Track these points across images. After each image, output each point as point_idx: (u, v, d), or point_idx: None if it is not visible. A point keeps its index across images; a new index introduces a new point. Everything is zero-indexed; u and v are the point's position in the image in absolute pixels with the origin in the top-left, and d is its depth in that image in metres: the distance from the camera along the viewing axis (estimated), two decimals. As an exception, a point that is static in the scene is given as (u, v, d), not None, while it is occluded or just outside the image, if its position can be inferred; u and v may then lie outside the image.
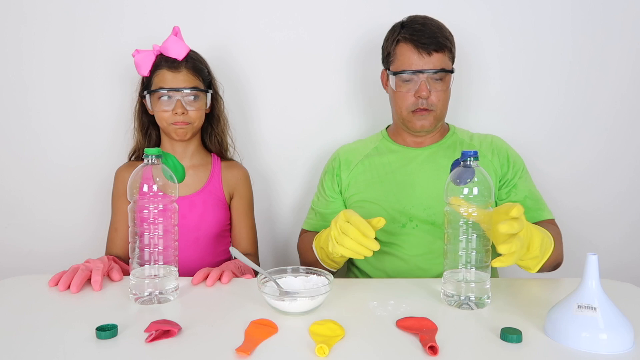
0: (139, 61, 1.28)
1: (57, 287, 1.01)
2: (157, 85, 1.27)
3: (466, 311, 0.91)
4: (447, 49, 1.25)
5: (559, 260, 1.16)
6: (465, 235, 0.91)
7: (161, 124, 1.30)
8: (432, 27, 1.25)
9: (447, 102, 1.29)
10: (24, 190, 1.63)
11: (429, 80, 1.24)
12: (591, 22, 1.58)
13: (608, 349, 0.74)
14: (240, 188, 1.41)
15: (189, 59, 1.29)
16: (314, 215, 1.41)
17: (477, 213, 0.91)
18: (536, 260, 0.98)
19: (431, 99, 1.25)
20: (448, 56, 1.26)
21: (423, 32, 1.23)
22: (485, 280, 0.92)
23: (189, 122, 1.28)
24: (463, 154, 0.93)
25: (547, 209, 1.28)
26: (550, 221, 1.26)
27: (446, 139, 1.35)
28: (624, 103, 1.62)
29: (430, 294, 1.00)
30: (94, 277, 1.01)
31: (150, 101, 1.29)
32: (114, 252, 1.33)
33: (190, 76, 1.28)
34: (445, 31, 1.27)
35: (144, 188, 0.94)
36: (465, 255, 0.92)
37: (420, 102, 1.25)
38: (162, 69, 1.27)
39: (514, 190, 1.27)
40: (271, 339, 0.80)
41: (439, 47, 1.23)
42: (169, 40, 1.28)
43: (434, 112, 1.27)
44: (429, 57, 1.23)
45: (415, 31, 1.24)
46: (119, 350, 0.76)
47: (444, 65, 1.24)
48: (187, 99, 1.27)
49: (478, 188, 0.90)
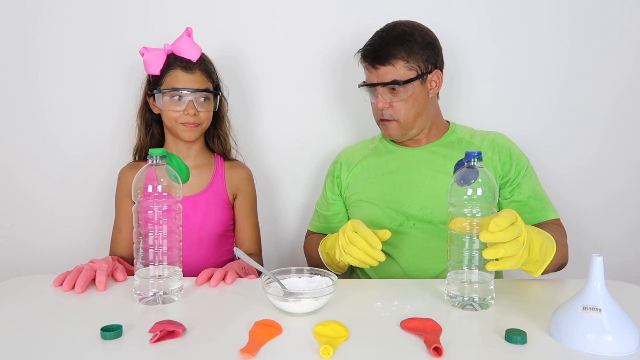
0: (149, 59, 1.28)
1: (61, 287, 1.02)
2: (170, 85, 1.27)
3: (471, 312, 0.91)
4: (399, 59, 1.22)
5: (563, 262, 1.14)
6: (469, 236, 0.91)
7: (169, 124, 1.30)
8: (387, 37, 1.25)
9: (412, 110, 1.26)
10: (30, 189, 1.63)
11: (386, 92, 1.26)
12: (589, 17, 1.57)
13: (613, 350, 0.74)
14: (243, 188, 1.42)
15: (202, 61, 1.30)
16: (317, 217, 1.44)
17: (481, 214, 0.91)
18: (537, 264, 0.97)
19: (390, 110, 1.26)
20: (404, 65, 1.23)
21: (372, 46, 1.26)
22: (489, 281, 0.92)
23: (199, 123, 1.29)
24: (467, 155, 0.93)
25: (552, 208, 1.26)
26: (555, 221, 1.24)
27: (444, 138, 1.35)
28: (624, 100, 1.61)
29: (435, 294, 1.00)
30: (98, 277, 1.02)
31: (160, 100, 1.29)
32: (118, 253, 1.34)
33: (203, 78, 1.29)
34: (407, 38, 1.23)
35: (148, 188, 0.94)
36: (469, 256, 0.92)
37: (380, 113, 1.28)
38: (176, 69, 1.27)
39: (517, 190, 1.26)
40: (275, 340, 0.80)
41: (383, 60, 1.23)
42: (183, 41, 1.28)
43: (396, 122, 1.28)
44: (376, 71, 1.25)
45: (366, 46, 1.28)
46: (124, 351, 0.76)
47: (396, 76, 1.23)
48: (198, 101, 1.28)
49: (482, 189, 0.90)
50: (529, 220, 1.23)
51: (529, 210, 1.23)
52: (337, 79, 1.62)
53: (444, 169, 1.28)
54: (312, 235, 1.42)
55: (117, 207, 1.37)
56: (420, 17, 1.32)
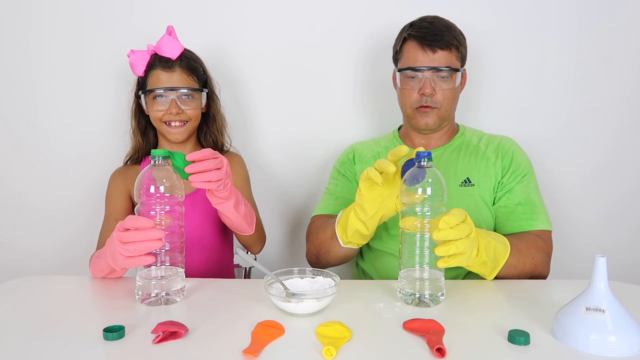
0: (134, 61, 1.28)
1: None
2: (152, 85, 1.27)
3: (473, 313, 0.91)
4: (453, 48, 1.25)
5: (534, 273, 1.12)
6: (420, 234, 0.93)
7: (155, 124, 1.30)
8: (440, 25, 1.25)
9: (453, 101, 1.29)
10: (31, 191, 1.64)
11: (434, 78, 1.24)
12: (597, 21, 1.57)
13: (617, 351, 0.73)
14: (233, 169, 1.34)
15: (183, 58, 1.29)
16: (328, 197, 1.36)
17: (431, 213, 0.93)
18: (486, 266, 1.01)
19: (436, 97, 1.25)
20: (455, 55, 1.26)
21: (429, 30, 1.24)
22: (439, 278, 0.95)
23: (186, 121, 1.28)
24: (417, 155, 0.94)
25: (543, 219, 1.21)
26: (539, 233, 1.19)
27: (453, 141, 1.34)
28: (630, 104, 1.61)
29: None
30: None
31: (145, 101, 1.29)
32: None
33: (184, 75, 1.28)
34: (455, 30, 1.27)
35: (150, 189, 0.94)
36: (420, 254, 0.94)
37: (424, 99, 1.25)
38: (156, 69, 1.27)
39: (507, 195, 1.24)
40: (278, 341, 0.80)
41: (444, 45, 1.23)
42: (163, 40, 1.28)
43: (437, 110, 1.26)
44: (433, 55, 1.23)
45: (421, 29, 1.25)
46: (127, 352, 0.76)
47: (450, 63, 1.24)
48: (181, 99, 1.27)
49: (431, 188, 0.92)
50: (510, 228, 1.21)
51: (514, 218, 1.22)
52: (340, 78, 1.62)
53: (452, 173, 1.28)
54: (319, 218, 1.32)
55: (106, 209, 1.35)
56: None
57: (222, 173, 0.99)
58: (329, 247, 1.18)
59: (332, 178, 1.41)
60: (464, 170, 1.28)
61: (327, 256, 1.20)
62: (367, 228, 1.07)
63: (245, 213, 1.16)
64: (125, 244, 0.91)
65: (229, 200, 1.07)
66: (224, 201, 1.07)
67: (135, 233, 0.91)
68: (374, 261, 1.31)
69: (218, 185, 1.00)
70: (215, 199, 1.06)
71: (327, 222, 1.22)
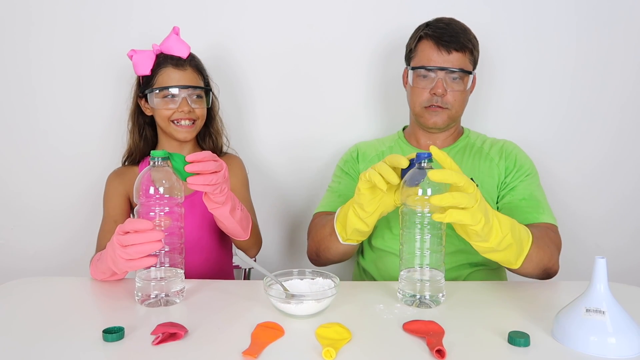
0: (138, 61, 1.27)
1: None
2: (162, 83, 1.26)
3: (473, 315, 0.91)
4: (468, 50, 1.26)
5: (548, 264, 1.07)
6: (420, 235, 0.93)
7: (163, 124, 1.29)
8: (456, 27, 1.27)
9: (463, 103, 1.30)
10: (30, 192, 1.63)
11: (446, 79, 1.25)
12: (596, 22, 1.58)
13: (617, 353, 0.73)
14: (232, 171, 1.35)
15: (192, 58, 1.30)
16: (331, 195, 1.35)
17: (431, 213, 0.92)
18: (511, 250, 0.94)
19: (447, 98, 1.26)
20: (469, 58, 1.27)
21: (445, 31, 1.25)
22: (439, 279, 0.95)
23: (195, 119, 1.29)
24: (418, 156, 0.94)
25: (549, 214, 1.19)
26: (548, 225, 1.17)
27: (458, 142, 1.36)
28: (630, 104, 1.61)
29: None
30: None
31: (152, 100, 1.28)
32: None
33: (195, 74, 1.29)
34: (469, 34, 1.29)
35: (149, 190, 0.94)
36: (420, 254, 0.94)
37: (435, 99, 1.26)
38: (167, 67, 1.26)
39: (511, 192, 1.25)
40: (277, 342, 0.79)
41: (459, 46, 1.24)
42: (171, 40, 1.27)
43: (448, 111, 1.28)
44: (448, 55, 1.24)
45: (438, 29, 1.27)
46: (126, 353, 0.76)
47: (463, 65, 1.25)
48: (192, 97, 1.27)
49: (431, 189, 0.91)
50: (519, 219, 1.15)
51: (519, 212, 1.19)
52: (342, 77, 1.62)
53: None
54: (320, 215, 1.31)
55: (105, 211, 1.35)
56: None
57: (220, 177, 0.99)
58: (329, 244, 1.18)
59: (335, 176, 1.41)
60: (468, 170, 1.29)
61: (327, 253, 1.20)
62: (367, 225, 1.07)
63: (241, 218, 1.16)
64: (125, 247, 0.91)
65: (225, 206, 1.07)
66: (220, 206, 1.07)
67: (135, 235, 0.90)
68: (376, 261, 1.31)
69: (215, 189, 1.00)
70: (211, 203, 1.05)
71: (326, 219, 1.22)
